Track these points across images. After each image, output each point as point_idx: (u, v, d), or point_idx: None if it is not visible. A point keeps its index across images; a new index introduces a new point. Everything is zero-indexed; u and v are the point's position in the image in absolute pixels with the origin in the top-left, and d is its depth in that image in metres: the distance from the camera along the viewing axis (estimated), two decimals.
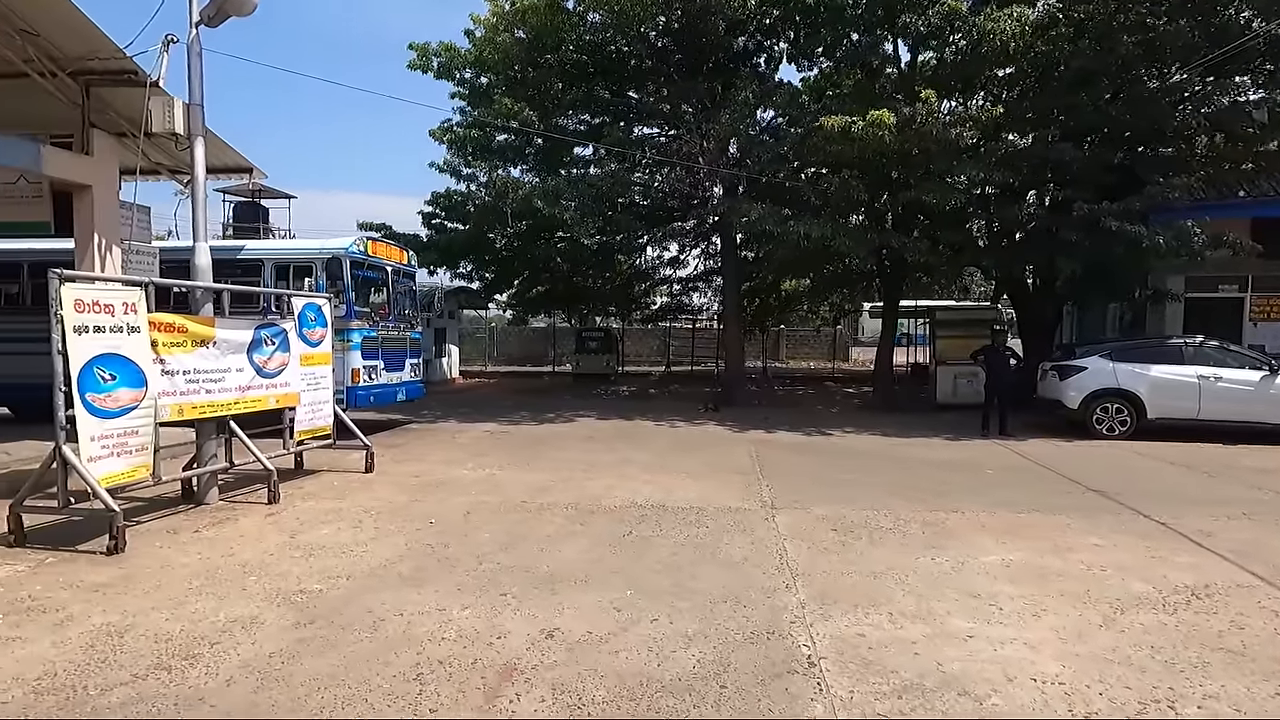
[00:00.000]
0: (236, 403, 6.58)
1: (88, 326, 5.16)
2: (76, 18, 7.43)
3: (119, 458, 5.38)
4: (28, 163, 7.70)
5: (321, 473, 7.88)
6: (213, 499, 6.45)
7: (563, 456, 8.99)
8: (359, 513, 6.10)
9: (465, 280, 19.32)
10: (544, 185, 14.04)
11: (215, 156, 9.72)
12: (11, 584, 4.36)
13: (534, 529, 5.64)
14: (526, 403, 15.81)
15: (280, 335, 7.12)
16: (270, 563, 4.76)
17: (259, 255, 10.65)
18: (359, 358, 10.38)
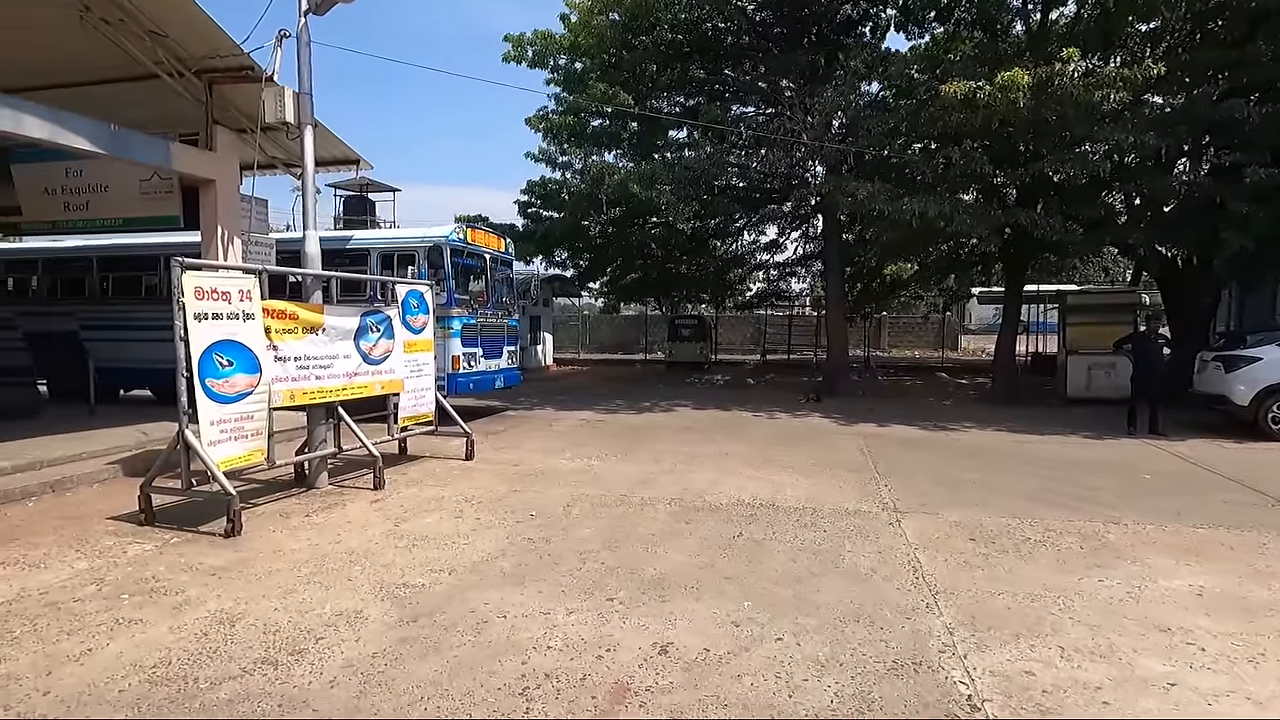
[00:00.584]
0: (344, 389, 6.66)
1: (207, 313, 5.28)
2: (200, 18, 7.73)
3: (236, 442, 5.50)
4: (160, 160, 8.13)
5: (424, 459, 7.93)
6: (322, 483, 6.56)
7: (661, 448, 8.68)
8: (460, 502, 6.02)
9: (560, 268, 19.39)
10: (639, 169, 13.75)
11: (324, 149, 10.02)
12: (139, 563, 4.50)
13: (637, 526, 5.34)
14: (620, 391, 15.66)
15: (385, 322, 7.16)
16: (375, 552, 4.70)
17: (366, 244, 10.94)
18: (459, 345, 10.47)
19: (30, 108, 6.74)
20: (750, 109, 16.29)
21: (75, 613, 3.72)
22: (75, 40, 7.90)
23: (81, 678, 3.04)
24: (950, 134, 11.92)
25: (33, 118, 6.72)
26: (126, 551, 4.73)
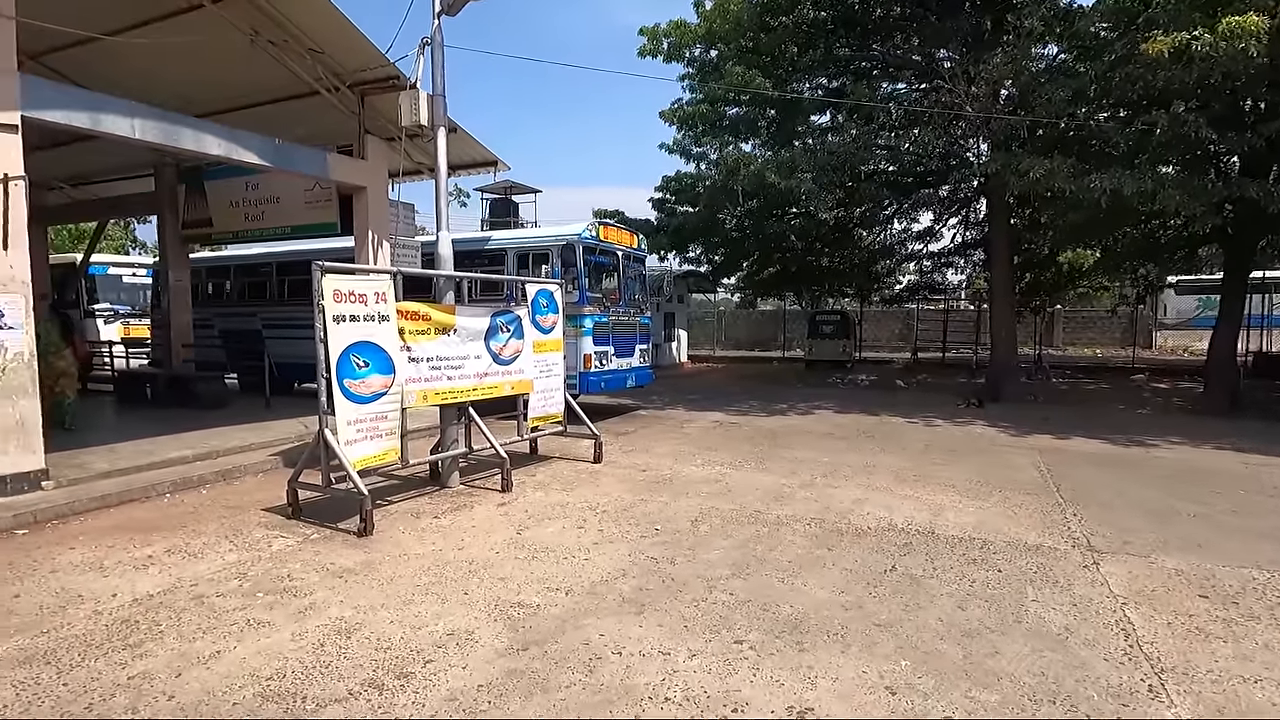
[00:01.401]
0: (475, 389, 6.66)
1: (345, 315, 5.40)
2: (353, 34, 8.12)
3: (371, 441, 5.61)
4: (318, 170, 8.68)
5: (553, 460, 7.84)
6: (454, 483, 6.61)
7: (799, 456, 8.01)
8: (584, 510, 5.78)
9: (694, 264, 18.97)
10: (777, 158, 12.97)
11: (463, 151, 10.29)
12: (279, 559, 4.64)
13: (771, 550, 4.79)
14: (756, 390, 14.98)
15: (515, 322, 7.11)
16: (494, 563, 4.53)
17: (503, 245, 11.16)
18: (591, 343, 10.37)
19: (210, 127, 7.37)
20: (902, 86, 14.93)
21: (215, 609, 3.83)
22: (248, 65, 8.61)
23: (204, 684, 3.05)
24: (1153, 96, 10.08)
25: (212, 136, 7.36)
26: (271, 545, 4.92)
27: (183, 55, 8.72)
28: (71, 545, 4.92)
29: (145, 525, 5.39)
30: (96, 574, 4.37)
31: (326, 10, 7.70)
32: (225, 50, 8.31)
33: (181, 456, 7.19)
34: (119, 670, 3.17)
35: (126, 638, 3.48)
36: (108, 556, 4.68)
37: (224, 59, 8.56)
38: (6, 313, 5.78)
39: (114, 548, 4.86)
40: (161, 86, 9.36)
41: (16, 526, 5.31)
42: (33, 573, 4.40)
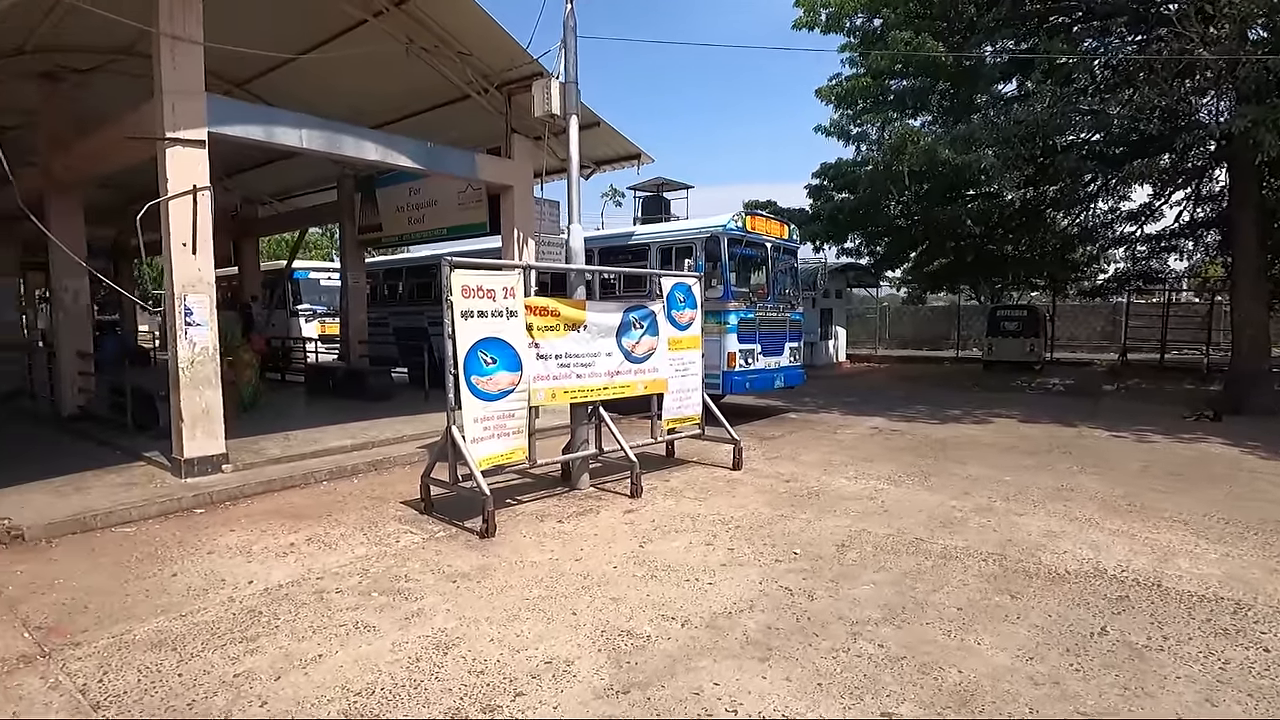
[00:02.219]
0: (605, 388, 6.38)
1: (472, 311, 5.32)
2: (499, 34, 8.19)
3: (498, 439, 5.49)
4: (467, 171, 8.90)
5: (689, 464, 7.38)
6: (584, 484, 6.37)
7: (974, 473, 6.87)
8: (716, 523, 5.25)
9: (853, 256, 17.59)
10: (951, 132, 11.50)
11: (606, 145, 10.13)
12: (400, 557, 4.61)
13: (935, 590, 3.96)
14: (923, 394, 13.49)
15: (649, 318, 6.74)
16: (610, 579, 4.15)
17: (646, 239, 10.89)
18: (735, 341, 9.78)
19: (368, 134, 7.76)
20: (1112, 39, 12.67)
21: (331, 607, 3.80)
22: (407, 75, 9.02)
23: (297, 691, 2.94)
24: None
25: (370, 143, 7.74)
26: (398, 541, 4.92)
27: (351, 70, 9.35)
28: (232, 528, 5.26)
29: (297, 512, 5.67)
30: (243, 559, 4.58)
31: (472, 11, 7.81)
32: (386, 62, 8.74)
33: (341, 446, 7.64)
34: (228, 665, 3.16)
35: (246, 630, 3.52)
36: (257, 542, 4.92)
37: (386, 71, 9.03)
38: (195, 311, 6.38)
39: (265, 533, 5.12)
40: (337, 101, 10.14)
41: (196, 506, 5.82)
42: (194, 552, 4.71)
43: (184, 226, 6.28)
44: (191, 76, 6.25)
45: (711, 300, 9.79)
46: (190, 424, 6.37)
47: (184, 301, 6.30)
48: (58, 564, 4.56)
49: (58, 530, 5.15)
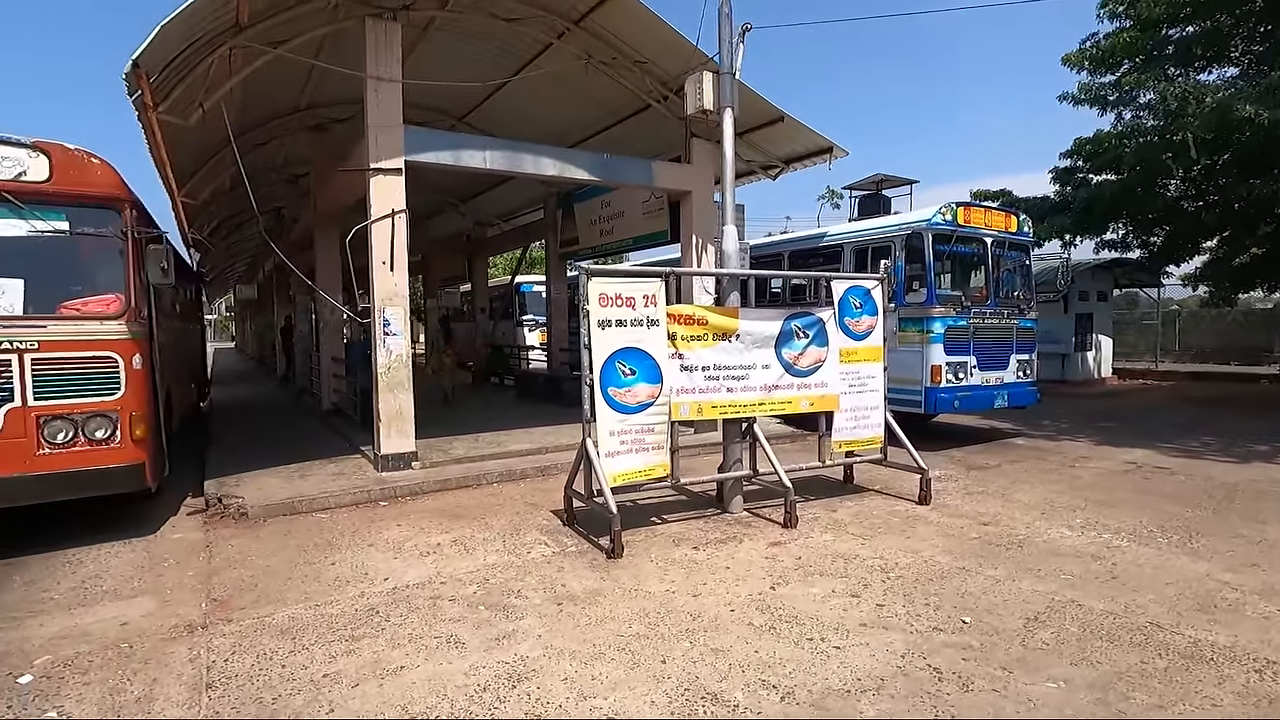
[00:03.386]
0: (761, 404, 5.80)
1: (610, 320, 5.14)
2: (670, 36, 8.01)
3: (636, 454, 5.24)
4: (644, 179, 8.85)
5: (867, 493, 6.46)
6: (737, 508, 5.86)
7: (1274, 537, 5.04)
8: (873, 570, 4.43)
9: (1116, 248, 14.48)
10: (1263, 82, 8.82)
11: (793, 140, 9.42)
12: (523, 571, 4.55)
13: (1160, 708, 2.83)
14: (1216, 421, 10.55)
15: (815, 326, 6.02)
16: (721, 624, 3.64)
17: (838, 240, 9.92)
18: (940, 352, 8.46)
19: (545, 150, 8.06)
20: None
21: (438, 615, 3.83)
22: (591, 92, 9.26)
23: (364, 703, 2.94)
24: None
25: (547, 159, 8.03)
26: (530, 552, 4.89)
27: (543, 96, 9.89)
28: (399, 523, 5.67)
29: (458, 512, 5.97)
30: (391, 555, 4.88)
31: (644, 16, 7.72)
32: (572, 83, 9.04)
33: (519, 450, 8.00)
34: (323, 665, 3.29)
35: (356, 629, 3.66)
36: (409, 540, 5.22)
37: (572, 91, 9.37)
38: (392, 321, 7.10)
39: (421, 531, 5.44)
40: (535, 125, 10.79)
41: (382, 499, 6.42)
42: (357, 544, 5.14)
43: (384, 246, 7.01)
44: (391, 111, 6.96)
45: (913, 306, 8.61)
46: (386, 423, 7.08)
47: (383, 314, 7.03)
48: (259, 542, 5.26)
49: (272, 512, 5.99)
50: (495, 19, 7.86)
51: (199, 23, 5.79)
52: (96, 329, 5.19)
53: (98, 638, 3.64)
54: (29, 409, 4.99)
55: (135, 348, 5.35)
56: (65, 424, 5.11)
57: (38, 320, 5.03)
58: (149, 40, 5.25)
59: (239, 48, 6.48)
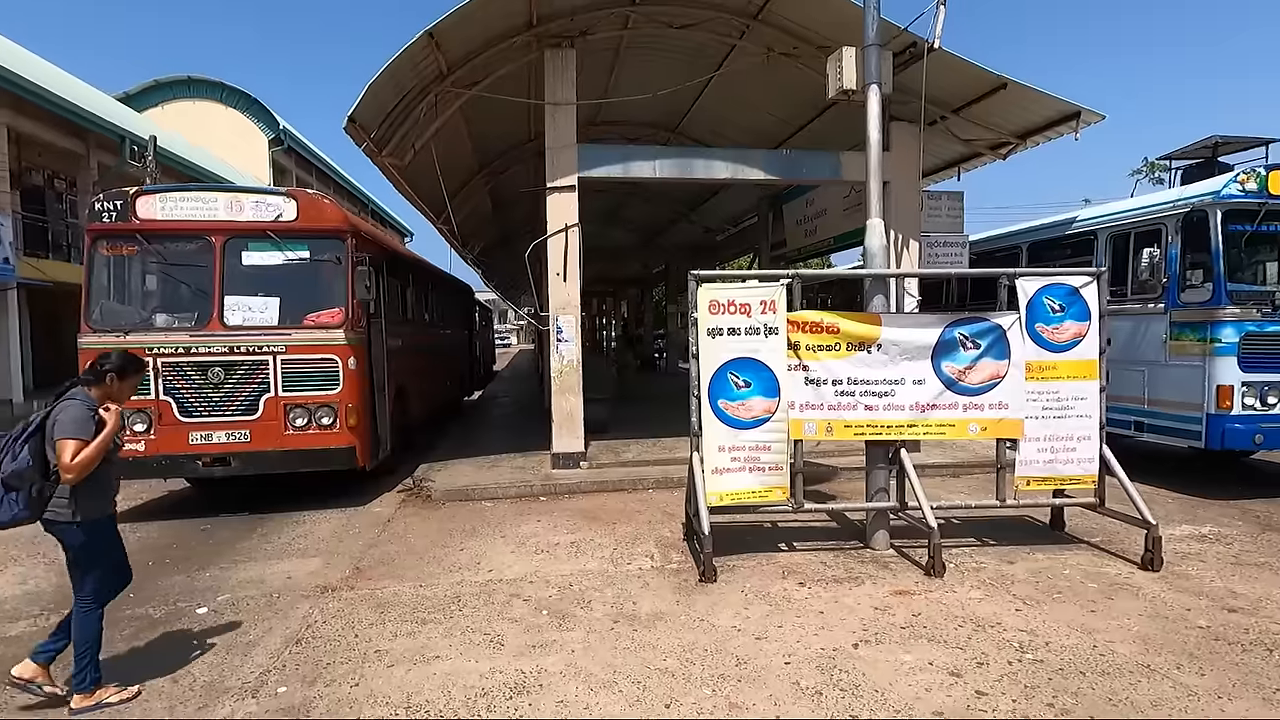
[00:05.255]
0: (912, 425, 4.94)
1: (722, 329, 4.84)
2: (853, 11, 7.19)
3: (750, 473, 4.85)
4: (829, 173, 8.15)
5: (1076, 546, 5.10)
6: (881, 544, 5.07)
7: None
8: (1002, 646, 3.49)
9: None
10: None
11: (1024, 110, 7.85)
12: (613, 580, 4.51)
13: None
14: None
15: (990, 335, 4.93)
16: (760, 678, 3.20)
17: (1089, 225, 7.94)
18: (1233, 368, 6.31)
19: (716, 154, 7.92)
20: None
21: (504, 613, 4.00)
22: (780, 89, 8.80)
23: (385, 684, 3.19)
24: None
25: (719, 162, 7.87)
26: (629, 564, 4.84)
27: (735, 100, 9.69)
28: (539, 518, 6.04)
29: (596, 514, 6.15)
30: (510, 549, 5.22)
31: None
32: (764, 82, 8.69)
33: (684, 457, 7.92)
34: (384, 641, 3.65)
35: (432, 613, 4.00)
36: (536, 536, 5.52)
37: (763, 91, 9.01)
38: (564, 329, 7.58)
39: (554, 528, 5.72)
40: (732, 130, 10.64)
41: (542, 494, 6.90)
42: (492, 534, 5.59)
43: (558, 259, 7.53)
44: (566, 133, 7.44)
45: (1192, 307, 6.58)
46: (558, 424, 7.59)
47: (556, 321, 7.55)
48: (425, 523, 6.03)
49: (451, 497, 6.82)
50: (669, 28, 7.91)
51: (404, 77, 6.84)
52: (323, 336, 6.45)
53: (266, 586, 4.53)
54: (280, 398, 6.39)
55: (351, 352, 6.52)
56: (303, 411, 6.43)
57: (285, 330, 6.42)
58: (360, 98, 6.37)
59: (443, 93, 7.50)
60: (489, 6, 6.69)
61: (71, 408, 2.97)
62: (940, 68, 7.26)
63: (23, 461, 2.88)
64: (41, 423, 2.96)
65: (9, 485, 2.88)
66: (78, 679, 3.03)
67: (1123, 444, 7.37)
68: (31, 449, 2.91)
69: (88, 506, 3.01)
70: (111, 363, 3.13)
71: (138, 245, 6.43)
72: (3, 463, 2.89)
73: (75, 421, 2.92)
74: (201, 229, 6.38)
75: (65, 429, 2.90)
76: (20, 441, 2.92)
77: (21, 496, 2.89)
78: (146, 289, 6.81)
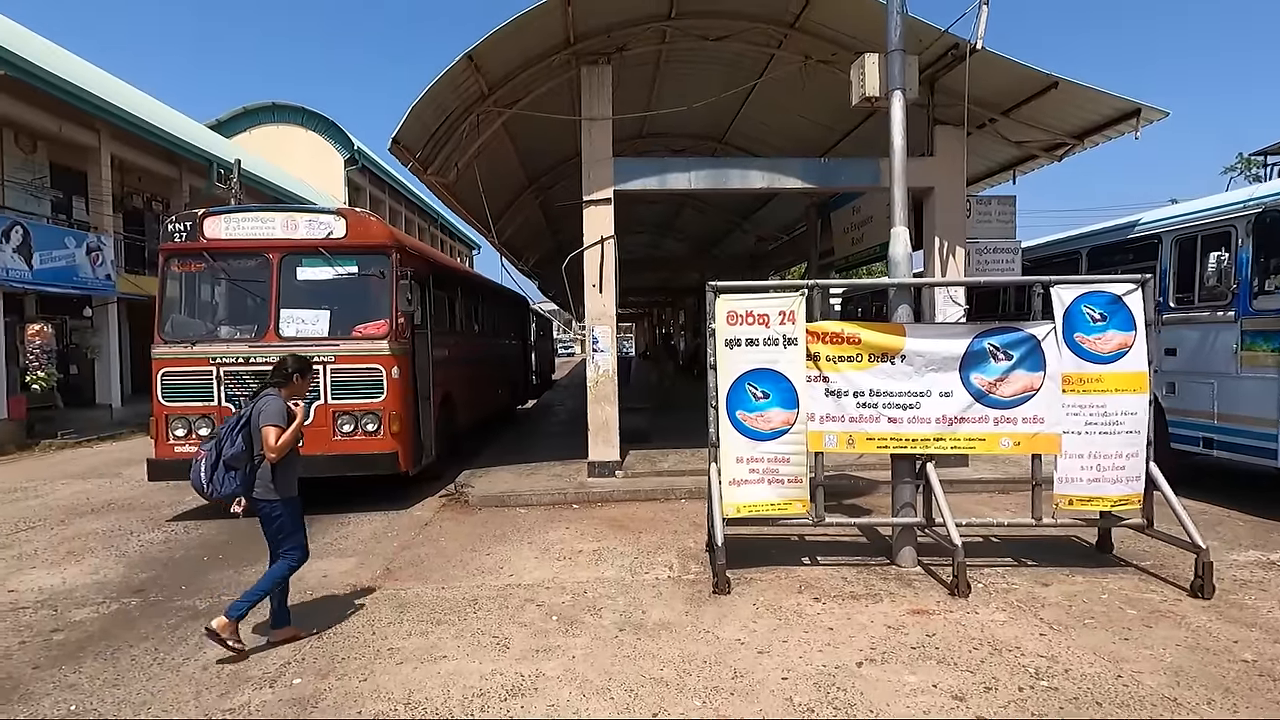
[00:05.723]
0: (939, 438, 4.79)
1: (740, 339, 4.84)
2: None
3: (768, 485, 4.82)
4: (869, 180, 7.98)
5: (1122, 569, 4.81)
6: (906, 561, 4.92)
7: None
8: (1016, 672, 3.34)
9: None
10: None
11: (1079, 109, 7.49)
12: (626, 587, 4.55)
13: None
14: None
15: (1024, 345, 4.73)
16: (752, 692, 3.17)
17: (1154, 228, 7.44)
18: None
19: (752, 163, 7.91)
20: None
21: (516, 617, 4.10)
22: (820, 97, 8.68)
23: (387, 681, 3.34)
24: None
25: (755, 171, 7.86)
26: (647, 574, 4.87)
27: (782, 107, 9.62)
28: (567, 526, 6.14)
29: (623, 522, 6.21)
30: (534, 555, 5.34)
31: (856, 3, 7.01)
32: (805, 90, 8.61)
33: None
34: (398, 640, 3.81)
35: (448, 614, 4.15)
36: (562, 543, 5.63)
37: (808, 98, 8.90)
38: (600, 339, 7.70)
39: (580, 536, 5.81)
40: (775, 140, 10.57)
41: (575, 501, 7.02)
42: (521, 541, 5.73)
43: (594, 270, 7.66)
44: (602, 147, 7.58)
45: (1265, 314, 6.10)
46: (594, 433, 7.70)
47: (592, 331, 7.68)
48: (459, 527, 6.23)
49: (487, 503, 7.02)
50: (705, 41, 7.96)
51: (446, 98, 7.14)
52: (368, 347, 6.79)
53: (302, 583, 4.77)
54: (329, 406, 6.75)
55: (394, 361, 6.83)
56: (349, 418, 6.78)
57: (334, 341, 6.79)
58: (403, 120, 6.71)
59: (485, 112, 7.78)
60: (526, 28, 6.91)
61: (272, 401, 3.73)
62: (985, 68, 7.04)
63: (238, 447, 3.64)
64: (248, 417, 3.71)
65: (230, 465, 3.65)
66: (238, 606, 3.67)
67: (1193, 461, 6.90)
68: (244, 438, 3.67)
69: (284, 486, 3.76)
70: (292, 365, 3.89)
71: (204, 262, 6.95)
72: (223, 448, 3.64)
73: (277, 413, 3.69)
74: (260, 247, 6.83)
75: (270, 417, 3.66)
76: (236, 432, 3.68)
77: (238, 475, 3.66)
78: (212, 303, 7.34)
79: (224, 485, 3.64)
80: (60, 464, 10.68)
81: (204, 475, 3.65)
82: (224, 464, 3.64)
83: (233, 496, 3.69)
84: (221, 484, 3.63)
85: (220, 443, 3.68)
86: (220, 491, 3.65)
